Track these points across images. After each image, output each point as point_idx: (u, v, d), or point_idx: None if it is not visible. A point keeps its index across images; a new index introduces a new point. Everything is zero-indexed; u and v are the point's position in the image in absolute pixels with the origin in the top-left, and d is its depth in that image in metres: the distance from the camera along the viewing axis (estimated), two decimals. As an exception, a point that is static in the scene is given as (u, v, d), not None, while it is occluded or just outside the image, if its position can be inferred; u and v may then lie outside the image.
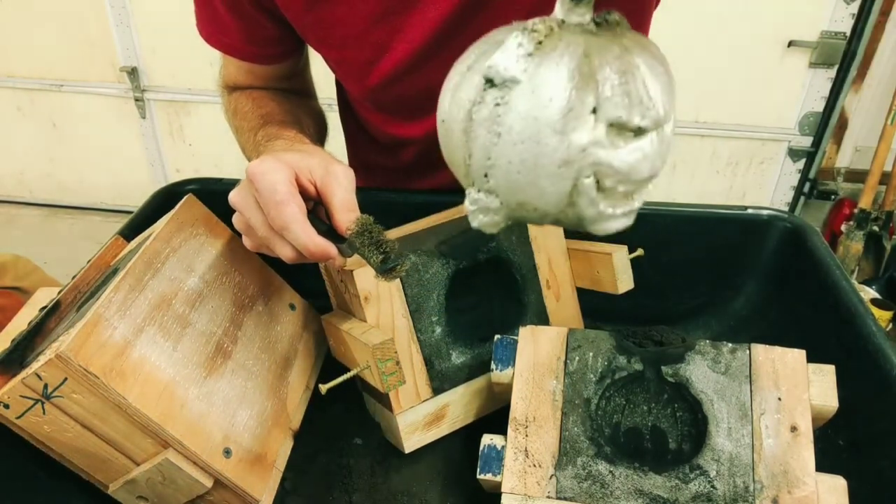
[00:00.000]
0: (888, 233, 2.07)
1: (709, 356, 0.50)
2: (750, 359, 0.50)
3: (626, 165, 0.29)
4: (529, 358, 0.54)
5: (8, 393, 0.46)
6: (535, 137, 0.28)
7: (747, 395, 0.48)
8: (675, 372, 0.51)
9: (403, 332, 0.60)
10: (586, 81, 0.28)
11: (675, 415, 0.50)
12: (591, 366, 0.52)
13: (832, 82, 2.06)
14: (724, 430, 0.47)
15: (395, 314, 0.59)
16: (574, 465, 0.47)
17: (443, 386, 0.62)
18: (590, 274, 0.67)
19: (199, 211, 0.63)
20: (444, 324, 0.62)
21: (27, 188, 2.71)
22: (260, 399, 0.59)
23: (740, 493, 0.44)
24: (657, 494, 0.45)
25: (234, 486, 0.53)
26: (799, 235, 0.70)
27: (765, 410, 0.47)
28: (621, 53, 0.29)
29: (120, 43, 2.30)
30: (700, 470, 0.45)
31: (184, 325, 0.55)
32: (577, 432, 0.49)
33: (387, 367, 0.53)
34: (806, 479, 0.44)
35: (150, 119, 2.46)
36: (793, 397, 0.47)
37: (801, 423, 0.46)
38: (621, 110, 0.28)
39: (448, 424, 0.63)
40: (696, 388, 0.49)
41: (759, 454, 0.45)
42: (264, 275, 0.67)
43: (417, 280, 0.61)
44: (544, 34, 0.29)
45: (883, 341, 0.55)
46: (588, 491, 0.46)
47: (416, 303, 0.61)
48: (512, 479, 0.48)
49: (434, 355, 0.61)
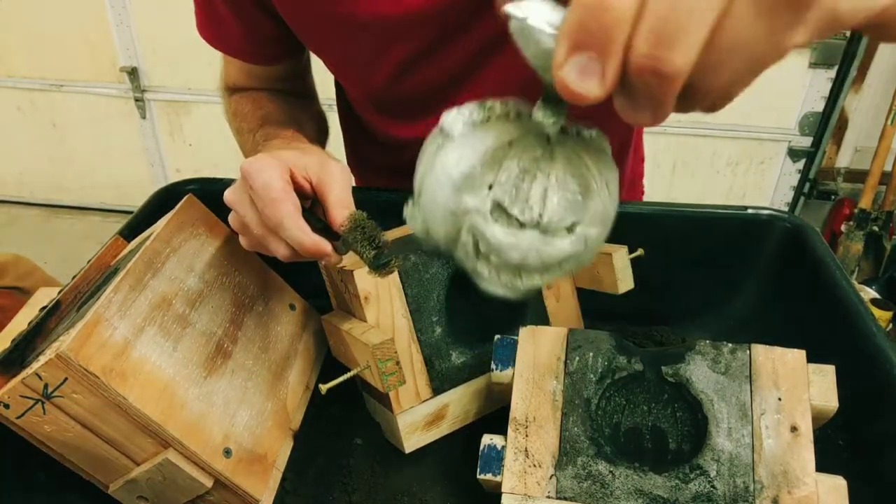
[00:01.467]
0: (888, 233, 2.07)
1: (709, 356, 0.50)
2: (750, 359, 0.50)
3: (497, 242, 0.34)
4: (529, 358, 0.54)
5: (8, 393, 0.46)
6: (442, 183, 0.34)
7: (747, 395, 0.48)
8: (675, 372, 0.51)
9: (403, 332, 0.60)
10: (493, 163, 0.33)
11: (675, 415, 0.50)
12: (592, 366, 0.52)
13: (832, 82, 2.06)
14: (724, 430, 0.47)
15: (396, 314, 0.59)
16: (574, 465, 0.47)
17: (443, 386, 0.62)
18: (590, 274, 0.67)
19: (200, 211, 0.63)
20: (444, 324, 0.62)
21: (27, 188, 2.71)
22: (260, 399, 0.59)
23: (740, 493, 0.44)
24: (657, 494, 0.45)
25: (234, 486, 0.53)
26: (799, 235, 0.70)
27: (765, 410, 0.47)
28: (540, 158, 0.33)
29: (120, 43, 2.30)
30: (700, 470, 0.45)
31: (184, 325, 0.55)
32: (578, 432, 0.49)
33: (387, 367, 0.53)
34: (806, 479, 0.44)
35: (150, 119, 2.46)
36: (793, 397, 0.47)
37: (802, 423, 0.46)
38: (506, 197, 0.33)
39: (448, 424, 0.63)
40: (697, 388, 0.49)
41: (759, 454, 0.45)
42: (264, 275, 0.67)
43: (418, 280, 0.61)
44: (496, 115, 0.34)
45: (883, 341, 0.55)
46: (588, 491, 0.46)
47: (417, 303, 0.61)
48: (512, 479, 0.48)
49: (434, 355, 0.61)
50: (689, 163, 2.25)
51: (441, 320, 0.62)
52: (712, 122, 2.15)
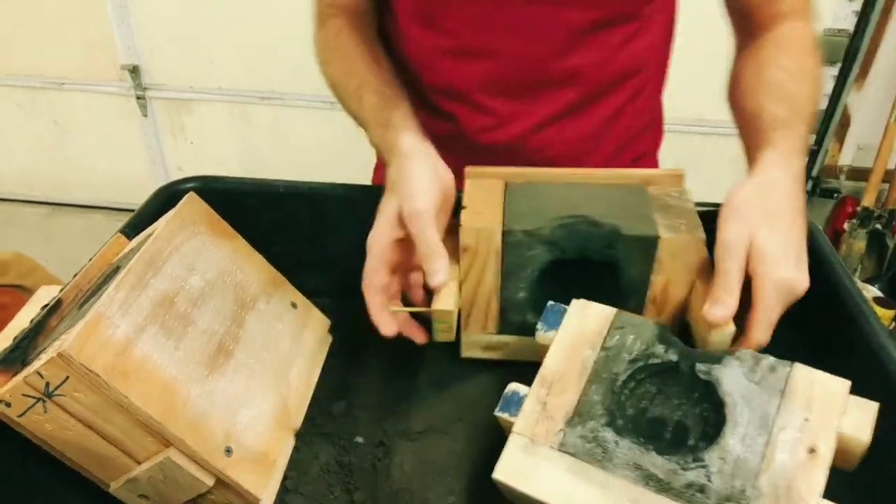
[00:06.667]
0: (891, 231, 2.07)
1: (746, 364, 0.50)
2: (788, 376, 0.49)
3: None
4: (574, 327, 0.56)
5: (10, 391, 0.46)
6: None
7: (774, 408, 0.47)
8: (708, 370, 0.51)
9: (487, 287, 0.64)
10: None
11: (702, 415, 0.50)
12: (628, 346, 0.53)
13: (835, 80, 2.05)
14: (739, 434, 0.46)
15: (487, 270, 0.63)
16: (583, 427, 0.49)
17: (508, 332, 0.67)
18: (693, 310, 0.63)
19: (201, 209, 0.63)
20: (528, 292, 0.65)
21: (28, 186, 2.71)
22: (261, 398, 0.59)
23: (735, 494, 0.43)
24: (652, 473, 0.46)
25: (236, 485, 0.53)
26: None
27: (787, 427, 0.46)
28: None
29: (121, 41, 2.30)
30: (702, 463, 0.45)
31: (186, 324, 0.55)
32: (596, 400, 0.50)
33: (440, 326, 0.61)
34: (810, 500, 0.42)
35: (151, 117, 2.46)
36: (821, 421, 0.46)
37: (822, 446, 0.45)
38: None
39: (502, 354, 0.69)
40: (724, 389, 0.49)
41: (767, 464, 0.45)
42: (266, 273, 0.67)
43: (517, 253, 0.63)
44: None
45: (886, 340, 0.55)
46: (589, 452, 0.47)
47: (510, 269, 0.63)
48: (524, 422, 0.51)
49: (510, 309, 0.65)
50: (693, 161, 2.25)
51: (527, 289, 0.64)
52: (715, 120, 2.15)
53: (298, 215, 0.77)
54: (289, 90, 2.29)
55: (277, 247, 0.69)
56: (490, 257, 0.63)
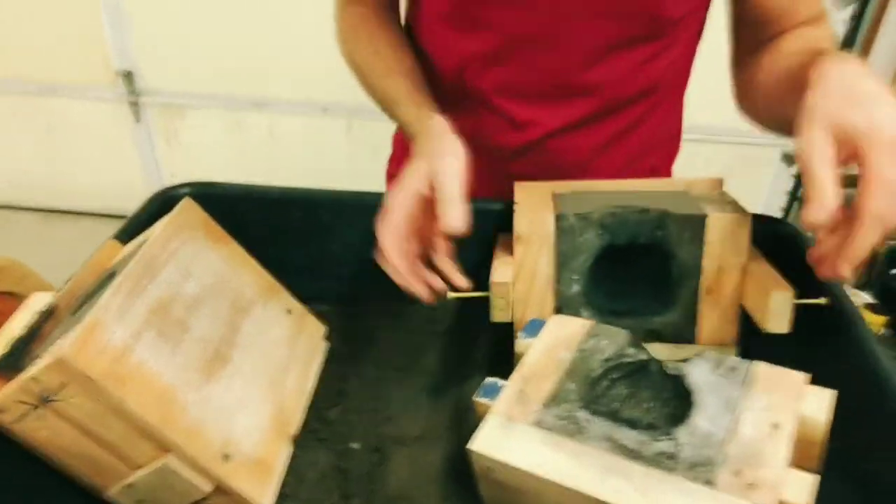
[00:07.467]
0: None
1: (711, 363, 0.54)
2: (749, 370, 0.52)
3: None
4: (552, 334, 0.59)
5: (4, 398, 0.46)
6: None
7: (738, 394, 0.50)
8: (675, 367, 0.54)
9: (542, 277, 0.65)
10: None
11: (672, 410, 0.52)
12: (602, 348, 0.57)
13: (825, 88, 2.07)
14: (706, 415, 0.49)
15: (541, 260, 0.65)
16: (558, 408, 0.52)
17: None
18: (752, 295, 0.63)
19: (197, 215, 0.63)
20: (582, 284, 0.66)
21: (21, 193, 2.69)
22: (258, 404, 0.59)
23: (704, 460, 0.46)
24: (624, 444, 0.48)
25: (233, 491, 0.53)
26: (792, 241, 0.70)
27: (750, 408, 0.49)
28: None
29: (114, 47, 2.29)
30: (671, 436, 0.48)
31: (182, 330, 0.55)
32: (572, 388, 0.53)
33: (497, 302, 0.63)
34: (776, 464, 0.45)
35: (145, 123, 2.46)
36: (781, 403, 0.49)
37: (785, 423, 0.47)
38: None
39: None
40: (690, 381, 0.52)
41: (733, 435, 0.47)
42: (261, 279, 0.67)
43: (570, 240, 0.64)
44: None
45: (875, 347, 0.55)
46: (564, 428, 0.50)
47: (563, 258, 0.65)
48: (501, 405, 0.53)
49: (565, 307, 0.66)
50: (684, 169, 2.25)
51: (581, 280, 0.65)
52: (706, 127, 2.16)
53: (293, 221, 0.77)
54: (282, 96, 2.30)
55: (272, 253, 0.69)
56: (544, 247, 0.64)
